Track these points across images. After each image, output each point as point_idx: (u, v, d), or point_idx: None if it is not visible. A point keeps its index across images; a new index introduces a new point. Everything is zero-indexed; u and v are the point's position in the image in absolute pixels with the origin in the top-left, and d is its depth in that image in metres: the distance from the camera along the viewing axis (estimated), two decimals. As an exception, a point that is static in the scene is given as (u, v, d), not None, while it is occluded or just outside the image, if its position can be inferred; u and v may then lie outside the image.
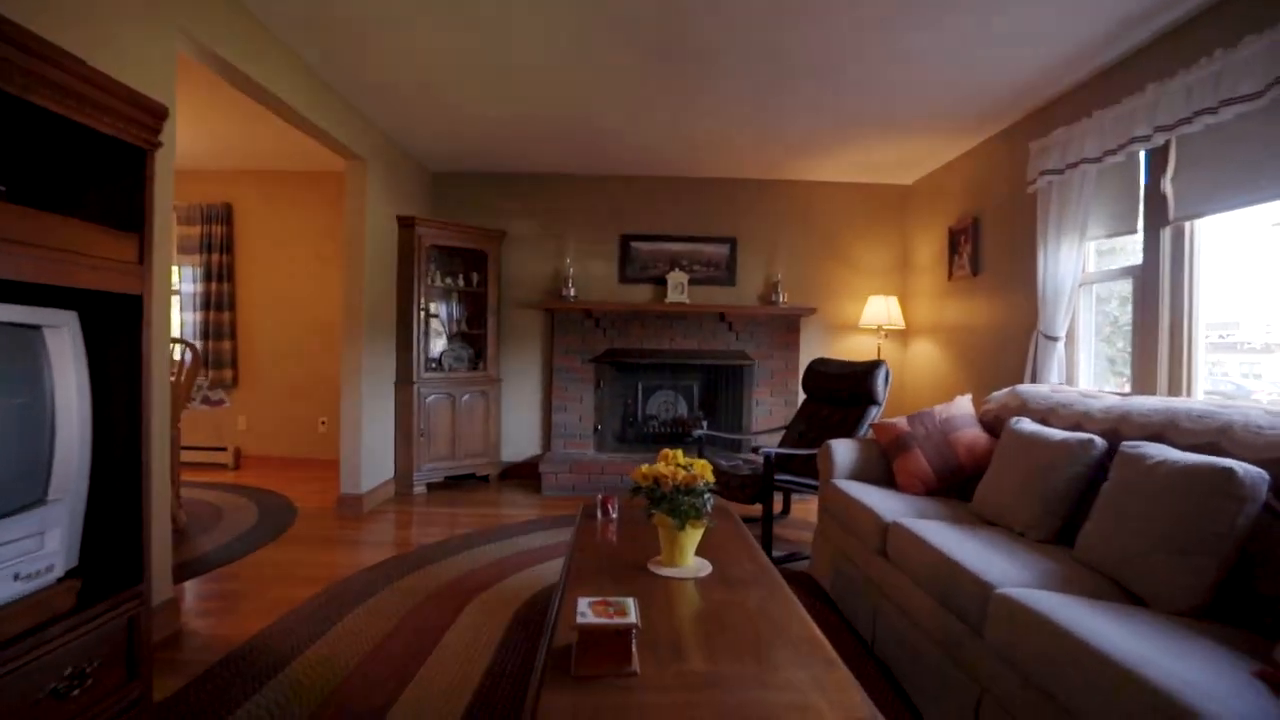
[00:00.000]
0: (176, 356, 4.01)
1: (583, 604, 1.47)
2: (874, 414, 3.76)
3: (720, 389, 5.58)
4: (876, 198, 5.54)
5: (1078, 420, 2.47)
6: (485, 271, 5.20)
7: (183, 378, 3.93)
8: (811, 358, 5.32)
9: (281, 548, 3.60)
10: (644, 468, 2.10)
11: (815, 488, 3.49)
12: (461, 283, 5.16)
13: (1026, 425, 2.55)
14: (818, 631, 1.63)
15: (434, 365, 5.06)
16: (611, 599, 1.50)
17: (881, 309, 5.12)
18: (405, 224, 4.78)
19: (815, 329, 5.53)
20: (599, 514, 2.69)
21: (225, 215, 5.61)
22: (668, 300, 5.34)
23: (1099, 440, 2.21)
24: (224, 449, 5.65)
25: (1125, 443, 2.04)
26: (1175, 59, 2.71)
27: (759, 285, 5.55)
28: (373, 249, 4.41)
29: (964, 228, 4.57)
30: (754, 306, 5.31)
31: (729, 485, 3.58)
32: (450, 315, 5.28)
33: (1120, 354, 3.41)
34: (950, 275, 4.76)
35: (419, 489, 4.83)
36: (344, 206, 4.27)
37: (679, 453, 2.18)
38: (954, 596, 1.92)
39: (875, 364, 3.82)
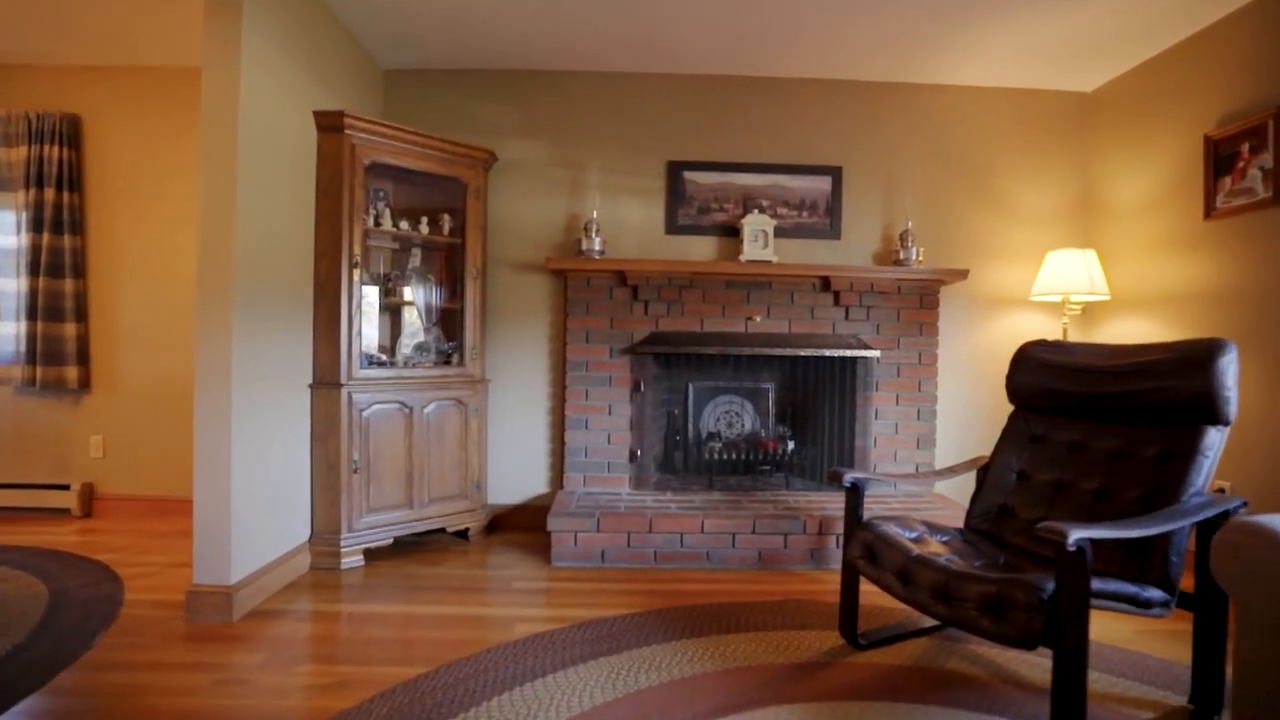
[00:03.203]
0: None
1: None
2: (1216, 444, 1.93)
3: (816, 393, 3.73)
4: (1040, 111, 3.72)
5: None
6: (464, 212, 3.33)
7: None
8: (953, 341, 3.51)
9: (20, 734, 1.72)
10: None
11: (1159, 605, 1.68)
12: (425, 228, 3.28)
13: None
14: None
15: (378, 358, 3.18)
16: None
17: (1071, 271, 3.30)
18: (329, 125, 2.91)
19: (958, 304, 3.71)
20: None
21: (69, 133, 3.70)
22: (743, 258, 3.49)
23: None
24: (66, 487, 3.73)
25: None
26: None
27: (873, 238, 3.72)
28: (263, 162, 2.53)
29: (1248, 131, 2.77)
30: (871, 269, 3.48)
31: (946, 595, 1.75)
32: (406, 279, 3.39)
33: None
34: (1211, 210, 2.96)
35: (351, 560, 2.94)
36: (202, 82, 2.38)
37: None
38: None
39: (1208, 346, 1.97)
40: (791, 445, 3.73)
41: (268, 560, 2.61)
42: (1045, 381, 2.38)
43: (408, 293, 3.35)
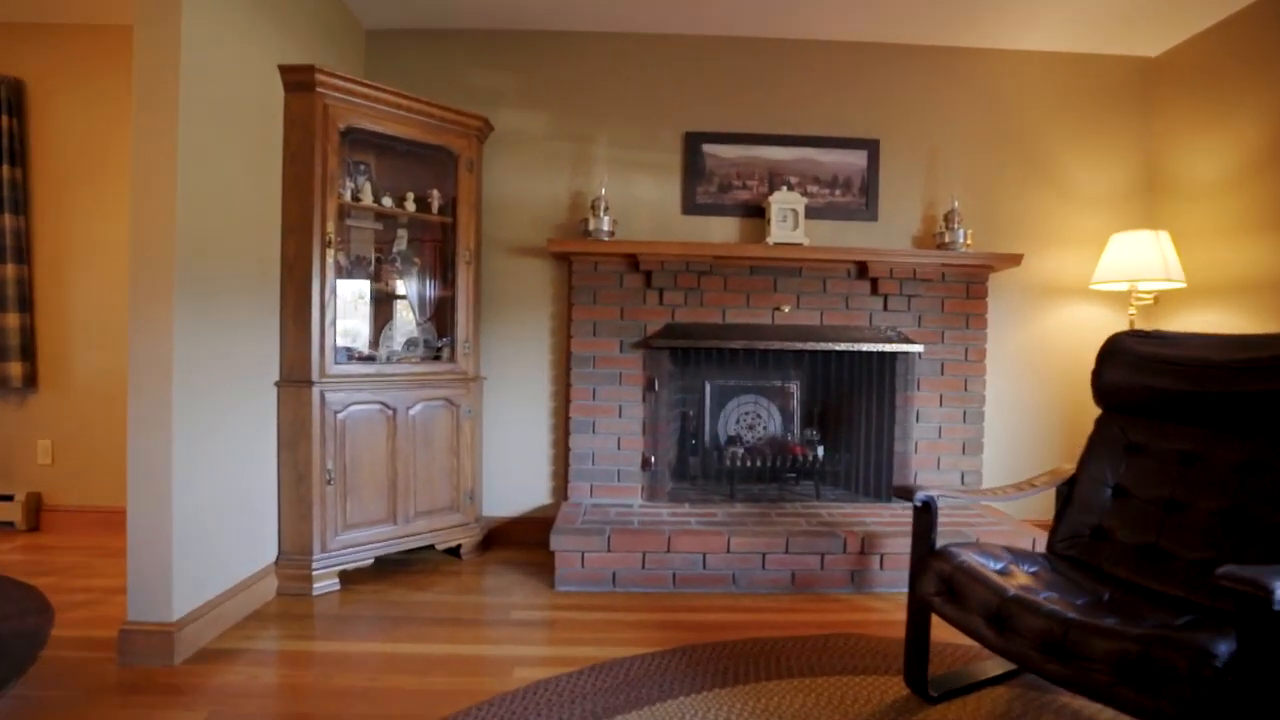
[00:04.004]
0: None
1: None
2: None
3: (849, 393, 3.35)
4: (1098, 78, 3.34)
5: None
6: (455, 188, 2.93)
7: None
8: (1003, 335, 3.14)
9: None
10: None
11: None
12: (411, 205, 2.89)
13: None
14: None
15: (357, 352, 2.79)
16: None
17: (1141, 255, 2.92)
18: (298, 82, 2.51)
19: (1008, 293, 3.33)
20: None
21: (11, 100, 3.29)
22: (770, 240, 3.10)
23: None
24: (9, 498, 3.32)
25: None
26: None
27: (913, 220, 3.33)
28: (216, 124, 2.13)
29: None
30: (915, 253, 3.10)
31: (1063, 650, 1.37)
32: (391, 264, 2.99)
33: None
34: (1312, 184, 2.58)
35: (324, 584, 2.55)
36: (134, 23, 1.98)
37: None
38: None
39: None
40: (821, 451, 3.35)
41: (223, 588, 2.21)
42: (1145, 379, 2.00)
43: (392, 279, 2.95)
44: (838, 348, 3.08)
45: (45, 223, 3.37)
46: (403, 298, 2.99)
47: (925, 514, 1.87)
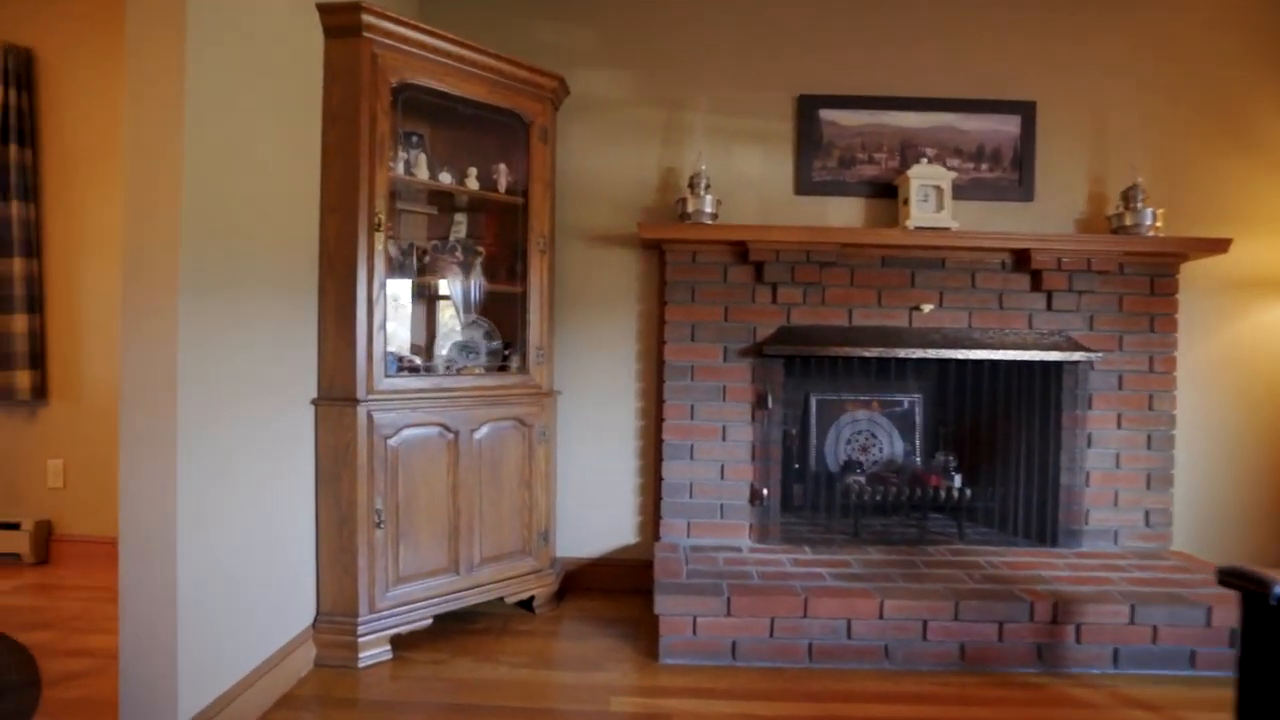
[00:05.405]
0: None
1: None
2: None
3: (996, 409, 2.74)
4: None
5: None
6: (526, 161, 2.41)
7: None
8: (1197, 340, 2.52)
9: None
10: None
11: None
12: (474, 183, 2.37)
13: None
14: None
15: (409, 361, 2.28)
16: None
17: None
18: (341, 26, 2.01)
19: (1203, 289, 2.69)
20: None
21: (19, 71, 2.88)
22: (909, 224, 2.52)
23: None
24: (16, 526, 2.90)
25: None
26: None
27: (1077, 198, 2.72)
28: (235, 75, 1.64)
29: None
30: (1090, 238, 2.48)
31: None
32: (447, 255, 2.48)
33: None
34: None
35: (373, 653, 2.04)
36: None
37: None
38: None
39: None
40: (959, 480, 2.76)
41: (246, 670, 1.72)
42: None
43: (450, 273, 2.44)
44: (1004, 355, 2.47)
45: (57, 211, 2.94)
46: (450, 297, 2.47)
47: None
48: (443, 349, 2.44)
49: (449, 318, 2.50)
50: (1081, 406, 2.57)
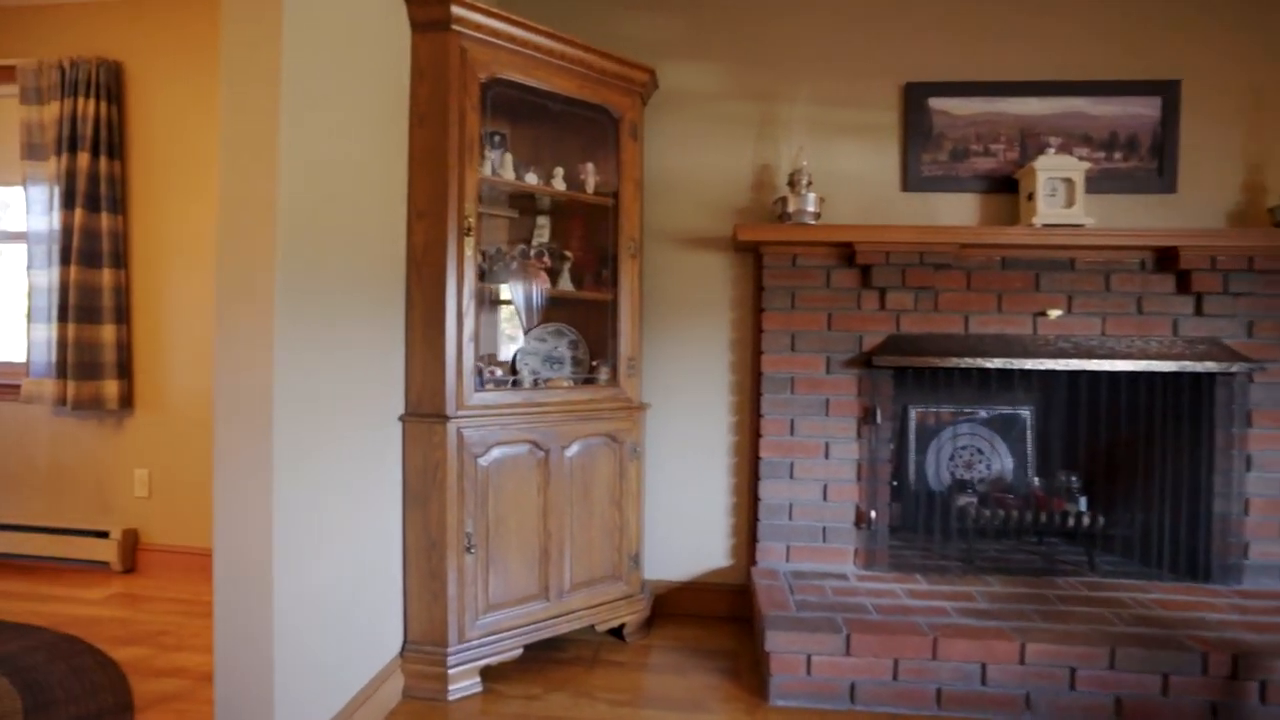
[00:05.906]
0: None
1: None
2: None
3: (1130, 425, 2.46)
4: None
5: None
6: (615, 159, 2.27)
7: None
8: None
9: None
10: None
11: None
12: (560, 184, 2.24)
13: None
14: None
15: (494, 375, 2.16)
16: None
17: None
18: (429, 18, 1.91)
19: (1379, 288, 2.35)
20: None
21: (108, 84, 2.91)
22: (1037, 220, 2.27)
23: None
24: (104, 534, 2.92)
25: None
26: None
27: (1230, 189, 2.41)
28: (326, 74, 1.54)
29: None
30: (1249, 234, 2.18)
31: None
32: (534, 260, 2.35)
33: None
34: None
35: (462, 685, 1.92)
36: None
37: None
38: None
39: None
40: (1084, 504, 2.49)
41: (341, 703, 1.62)
42: None
43: (535, 279, 2.31)
44: (1149, 366, 2.20)
45: (143, 221, 2.96)
46: (534, 304, 2.34)
47: None
48: (528, 360, 2.32)
49: (534, 327, 2.37)
50: (1239, 424, 2.27)
